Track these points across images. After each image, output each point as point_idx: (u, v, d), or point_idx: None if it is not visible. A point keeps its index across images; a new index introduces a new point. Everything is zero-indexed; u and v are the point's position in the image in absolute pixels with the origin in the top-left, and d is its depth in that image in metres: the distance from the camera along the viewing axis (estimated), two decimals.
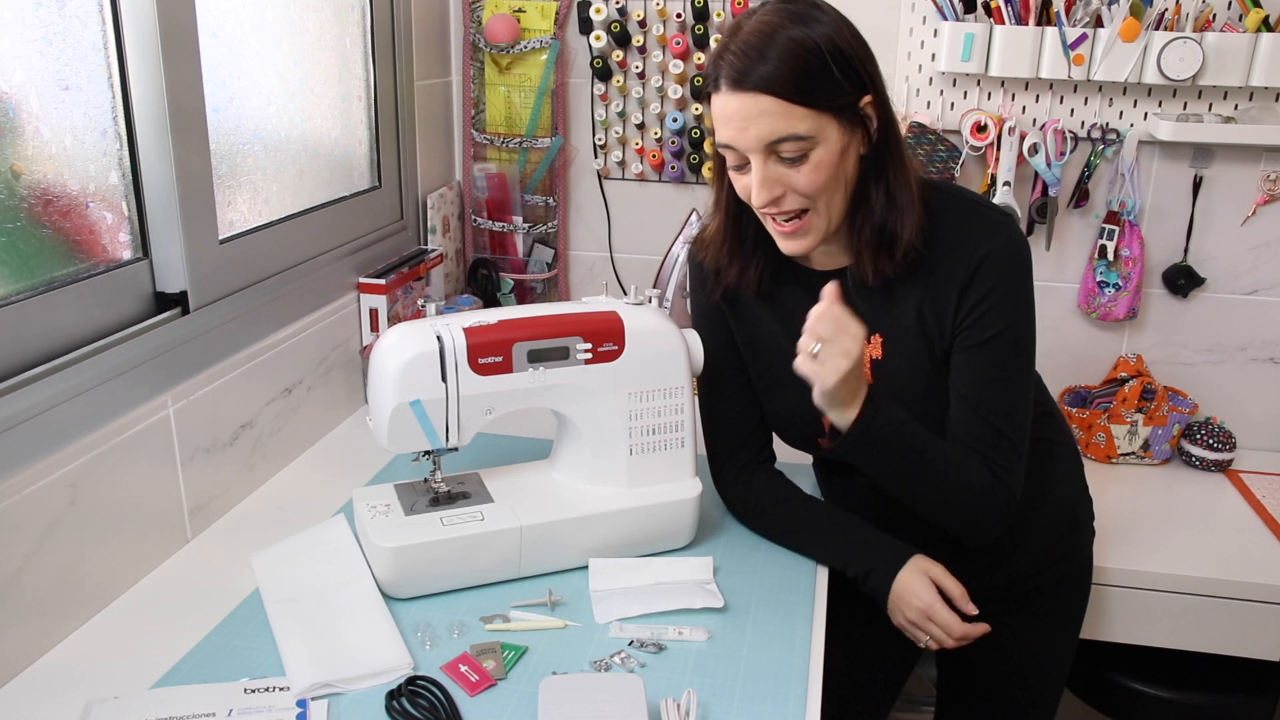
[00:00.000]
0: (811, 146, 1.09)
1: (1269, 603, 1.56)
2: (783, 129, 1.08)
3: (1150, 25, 1.73)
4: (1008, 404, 1.19)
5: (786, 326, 1.27)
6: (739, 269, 1.26)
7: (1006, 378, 1.19)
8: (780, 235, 1.18)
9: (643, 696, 0.97)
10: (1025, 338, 1.20)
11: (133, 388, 1.20)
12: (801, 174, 1.11)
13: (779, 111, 1.07)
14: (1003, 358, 1.19)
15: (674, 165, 2.03)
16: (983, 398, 1.18)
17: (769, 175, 1.11)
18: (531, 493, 1.28)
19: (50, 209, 1.14)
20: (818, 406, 1.16)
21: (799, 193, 1.12)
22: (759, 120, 1.08)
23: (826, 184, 1.12)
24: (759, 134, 1.09)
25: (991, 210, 1.21)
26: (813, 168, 1.10)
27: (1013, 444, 1.20)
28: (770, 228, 1.18)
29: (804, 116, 1.08)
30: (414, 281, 1.84)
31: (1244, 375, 1.96)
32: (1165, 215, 1.90)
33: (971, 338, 1.18)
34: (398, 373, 1.16)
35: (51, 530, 1.08)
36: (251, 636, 1.11)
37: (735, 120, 1.10)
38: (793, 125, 1.08)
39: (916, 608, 1.22)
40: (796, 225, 1.15)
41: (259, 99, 1.50)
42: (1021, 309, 1.19)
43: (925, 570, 1.23)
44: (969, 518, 1.22)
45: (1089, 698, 1.78)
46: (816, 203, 1.14)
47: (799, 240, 1.16)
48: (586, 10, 1.95)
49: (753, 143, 1.09)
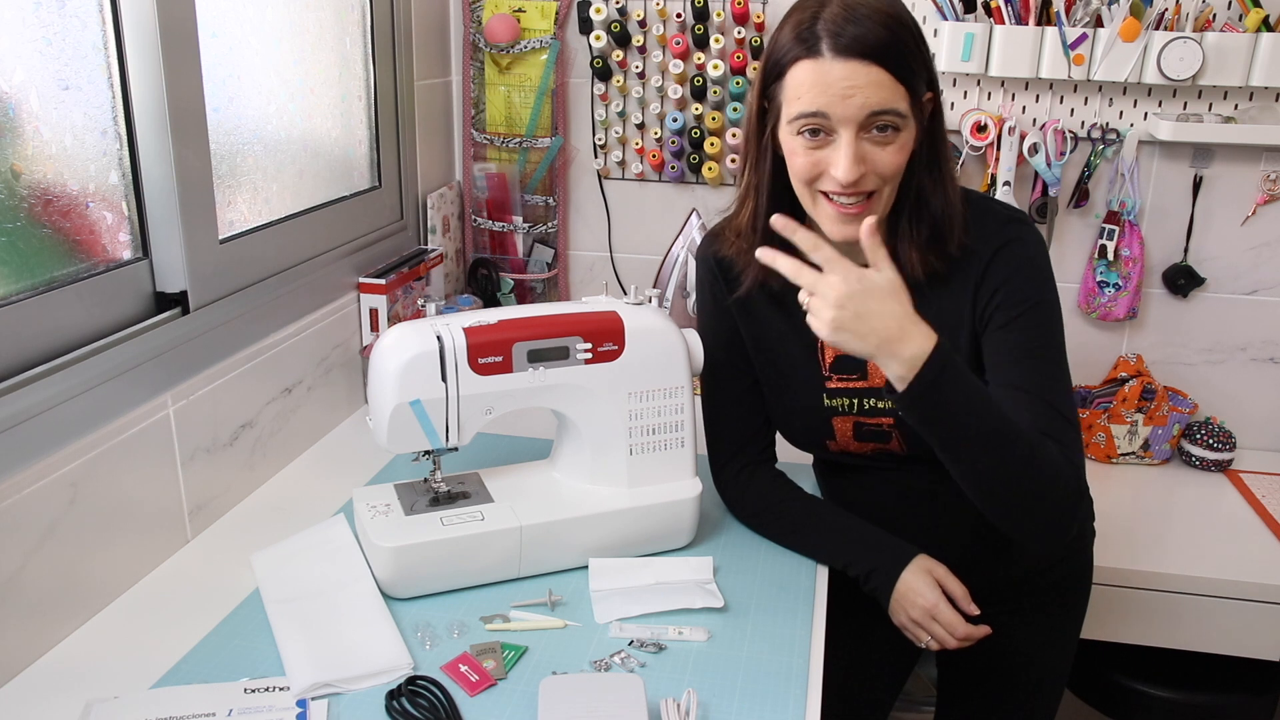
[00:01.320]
0: (904, 126, 1.08)
1: (1269, 603, 1.56)
2: (888, 101, 1.06)
3: (1150, 25, 1.73)
4: (1052, 378, 1.16)
5: (796, 327, 1.27)
6: (759, 263, 1.20)
7: (1045, 351, 1.16)
8: (840, 217, 1.12)
9: (643, 696, 0.97)
10: (1054, 314, 1.18)
11: (133, 388, 1.20)
12: (888, 153, 1.09)
13: (887, 84, 1.06)
14: (1036, 331, 1.16)
15: (674, 165, 2.03)
16: (1027, 376, 1.15)
17: (860, 151, 1.08)
18: (531, 493, 1.28)
19: (50, 209, 1.14)
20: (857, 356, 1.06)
21: (879, 173, 1.10)
22: (867, 90, 1.05)
23: (902, 168, 1.11)
24: (864, 103, 1.06)
25: (1004, 208, 1.21)
26: (899, 148, 1.09)
27: (1069, 420, 1.14)
28: (827, 210, 1.13)
29: (903, 95, 1.07)
30: (414, 281, 1.84)
31: (1244, 375, 1.96)
32: (1165, 215, 1.90)
33: (999, 320, 1.17)
34: (398, 372, 1.16)
35: (51, 530, 1.08)
36: (251, 636, 1.11)
37: (838, 87, 1.06)
38: (895, 100, 1.07)
39: (921, 607, 1.21)
40: (862, 207, 1.11)
41: (259, 99, 1.50)
42: (1043, 287, 1.17)
43: (929, 570, 1.23)
44: (1049, 506, 1.10)
45: (1089, 698, 1.78)
46: (885, 187, 1.12)
47: (856, 225, 1.10)
48: (586, 10, 1.95)
49: (855, 112, 1.06)
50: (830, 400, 1.27)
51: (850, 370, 1.25)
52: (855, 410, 1.27)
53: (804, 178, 1.13)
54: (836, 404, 1.27)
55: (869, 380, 1.25)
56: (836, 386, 1.27)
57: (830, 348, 1.25)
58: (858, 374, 1.25)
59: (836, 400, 1.27)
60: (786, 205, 1.19)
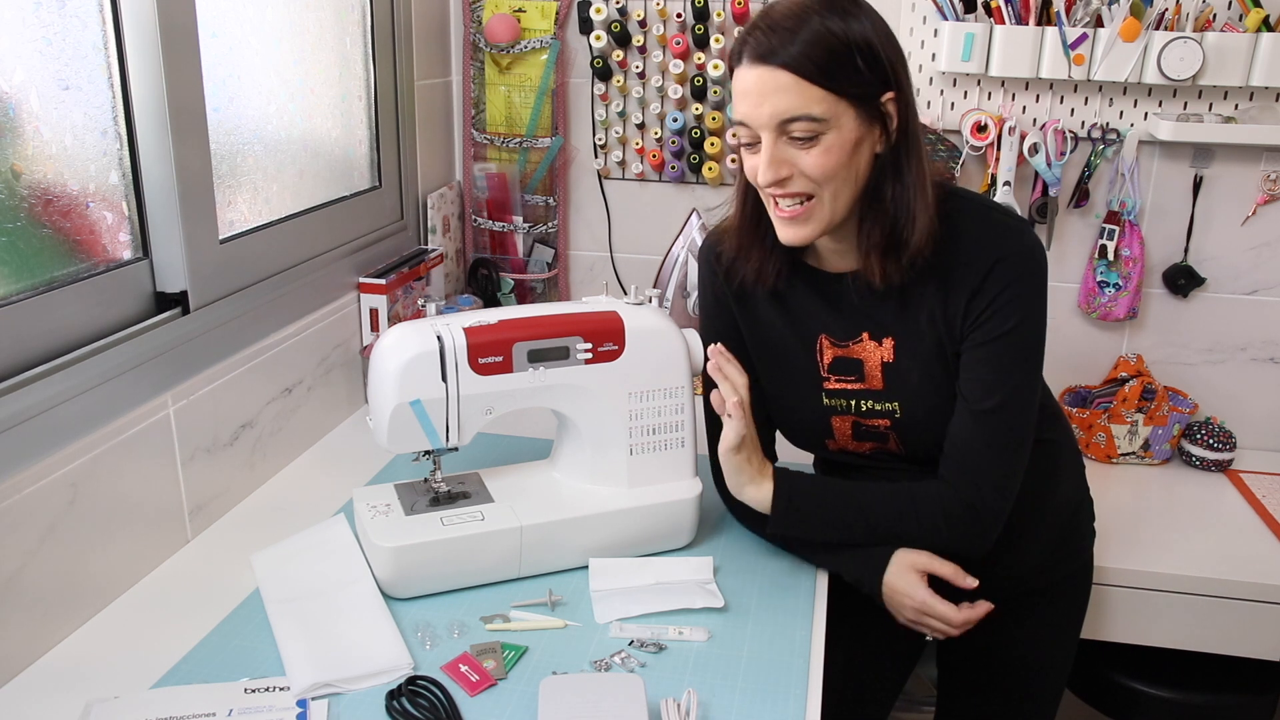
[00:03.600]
0: (824, 129, 1.09)
1: (1269, 603, 1.56)
2: (797, 107, 1.07)
3: (1150, 25, 1.73)
4: (1010, 407, 1.18)
5: (794, 328, 1.27)
6: (757, 261, 1.24)
7: (1011, 378, 1.18)
8: (781, 220, 1.16)
9: (643, 696, 0.97)
10: (1033, 341, 1.19)
11: (133, 387, 1.20)
12: (811, 156, 1.10)
13: (795, 89, 1.07)
14: (1009, 358, 1.17)
15: (674, 165, 2.03)
16: (985, 401, 1.17)
17: (778, 154, 1.10)
18: (531, 493, 1.28)
19: (50, 209, 1.14)
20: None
21: (806, 176, 1.11)
22: (774, 96, 1.07)
23: (835, 171, 1.11)
24: (773, 110, 1.08)
25: (1009, 217, 1.20)
26: (823, 151, 1.09)
27: (1012, 453, 1.19)
28: (772, 213, 1.17)
29: (820, 99, 1.07)
30: (414, 281, 1.84)
31: (1244, 375, 1.96)
32: (1165, 215, 1.90)
33: (978, 337, 1.17)
34: (398, 372, 1.16)
35: (51, 530, 1.08)
36: (251, 636, 1.11)
37: (752, 94, 1.09)
38: (807, 105, 1.07)
39: (910, 607, 1.21)
40: (798, 211, 1.13)
41: (259, 99, 1.50)
42: (1032, 312, 1.17)
43: (910, 564, 1.22)
44: (949, 537, 1.21)
45: (1089, 698, 1.78)
46: (822, 190, 1.12)
47: (799, 227, 1.15)
48: (586, 10, 1.95)
49: (765, 119, 1.09)
50: (829, 400, 1.28)
51: (848, 372, 1.25)
52: (853, 410, 1.27)
53: (750, 179, 1.16)
54: (835, 404, 1.28)
55: (866, 383, 1.25)
56: (834, 387, 1.27)
57: (828, 348, 1.26)
58: (855, 376, 1.25)
59: (835, 400, 1.27)
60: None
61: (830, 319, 1.25)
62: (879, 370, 1.23)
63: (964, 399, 1.20)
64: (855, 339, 1.24)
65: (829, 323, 1.25)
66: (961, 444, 1.20)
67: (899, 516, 1.21)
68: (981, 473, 1.19)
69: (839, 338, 1.25)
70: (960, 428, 1.20)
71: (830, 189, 1.12)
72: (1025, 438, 1.20)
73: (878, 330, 1.22)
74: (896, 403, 1.24)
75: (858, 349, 1.24)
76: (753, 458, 1.24)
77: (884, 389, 1.24)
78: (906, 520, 1.21)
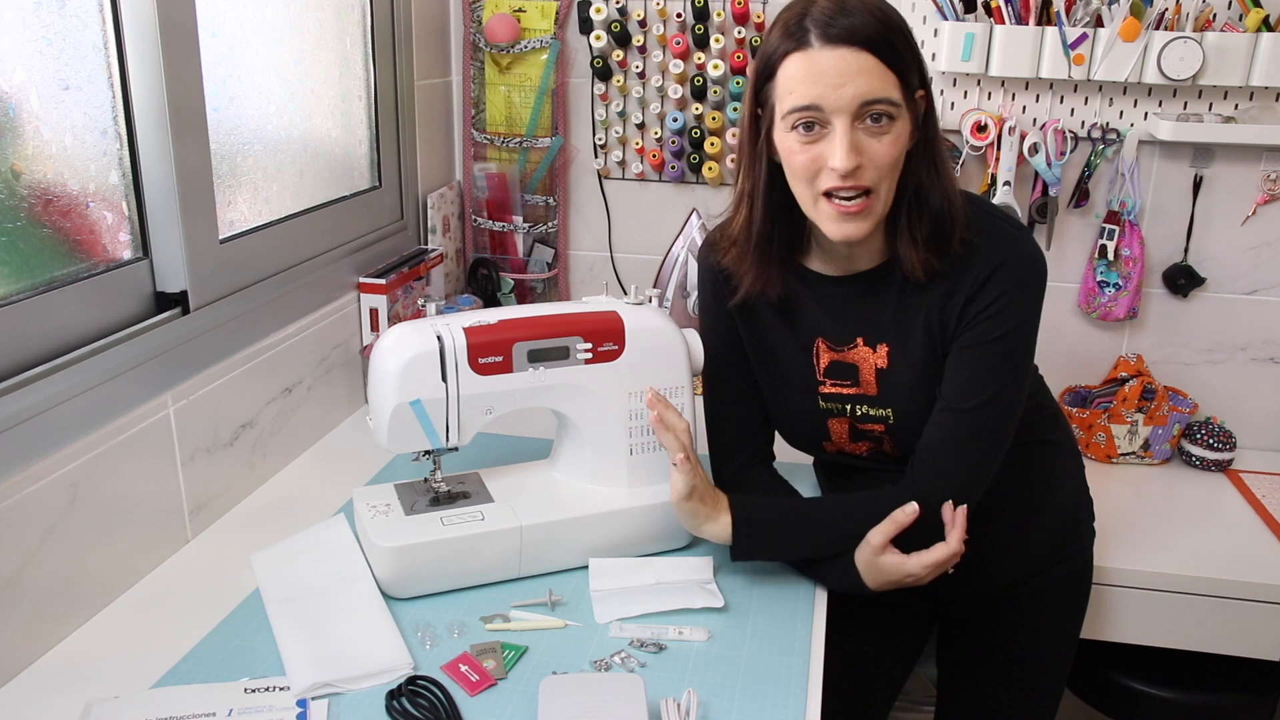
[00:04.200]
0: (898, 115, 1.07)
1: (1269, 603, 1.56)
2: (880, 90, 1.05)
3: (1150, 25, 1.73)
4: (988, 410, 1.17)
5: (792, 331, 1.27)
6: (763, 274, 1.21)
7: (995, 383, 1.17)
8: (839, 217, 1.11)
9: (643, 696, 0.97)
10: (1022, 349, 1.18)
11: (133, 387, 1.20)
12: (883, 144, 1.07)
13: (878, 71, 1.05)
14: (994, 363, 1.16)
15: (674, 165, 2.03)
16: (964, 402, 1.17)
17: (855, 140, 1.07)
18: (531, 493, 1.28)
19: (50, 209, 1.14)
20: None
21: (875, 165, 1.08)
22: (858, 78, 1.04)
23: (898, 161, 1.10)
24: (856, 91, 1.05)
25: (1010, 224, 1.19)
26: (893, 139, 1.08)
27: (981, 458, 1.18)
28: (827, 210, 1.11)
29: (895, 84, 1.06)
30: (414, 281, 1.84)
31: (1244, 375, 1.96)
32: (1165, 215, 1.90)
33: (968, 339, 1.17)
34: (398, 372, 1.16)
35: (52, 530, 1.08)
36: (251, 636, 1.11)
37: (830, 76, 1.05)
38: (887, 89, 1.06)
39: (912, 575, 1.18)
40: (861, 205, 1.10)
41: (259, 99, 1.50)
42: (1025, 320, 1.16)
43: (872, 555, 1.18)
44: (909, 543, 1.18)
45: (1089, 698, 1.78)
46: (881, 184, 1.10)
47: (858, 223, 1.11)
48: (586, 10, 1.95)
49: (848, 101, 1.05)
50: (825, 403, 1.27)
51: (843, 376, 1.25)
52: (848, 414, 1.27)
53: (803, 175, 1.11)
54: (830, 407, 1.27)
55: (860, 388, 1.25)
56: (830, 391, 1.27)
57: (825, 352, 1.25)
58: (850, 381, 1.25)
59: (830, 404, 1.27)
60: (781, 213, 1.18)
61: (827, 323, 1.25)
62: (873, 376, 1.23)
63: (943, 398, 1.19)
64: (850, 344, 1.24)
65: (826, 327, 1.25)
66: (932, 444, 1.19)
67: (859, 523, 1.19)
68: (945, 475, 1.18)
69: (835, 342, 1.25)
70: (934, 427, 1.19)
71: (888, 182, 1.11)
72: (998, 445, 1.19)
73: (873, 336, 1.22)
74: (890, 409, 1.23)
75: (853, 354, 1.24)
76: (706, 497, 1.22)
77: (878, 394, 1.23)
78: (866, 526, 1.19)
